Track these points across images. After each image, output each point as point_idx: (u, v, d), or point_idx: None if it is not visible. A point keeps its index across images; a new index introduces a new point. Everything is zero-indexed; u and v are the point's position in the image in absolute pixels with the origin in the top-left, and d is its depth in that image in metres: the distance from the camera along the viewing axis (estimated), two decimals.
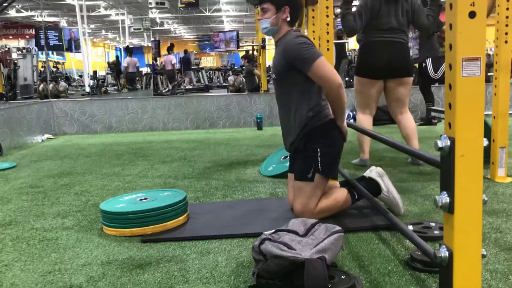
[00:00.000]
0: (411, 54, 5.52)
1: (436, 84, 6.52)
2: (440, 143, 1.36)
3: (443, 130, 1.41)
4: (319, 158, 2.38)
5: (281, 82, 2.49)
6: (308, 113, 2.41)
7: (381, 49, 3.55)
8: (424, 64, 5.88)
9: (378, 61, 3.56)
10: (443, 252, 1.39)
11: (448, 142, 1.34)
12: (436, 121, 6.23)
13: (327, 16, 3.06)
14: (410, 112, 3.80)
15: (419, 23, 3.62)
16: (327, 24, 3.08)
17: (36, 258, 2.14)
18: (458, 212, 1.35)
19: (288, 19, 2.46)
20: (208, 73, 18.92)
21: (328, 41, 3.07)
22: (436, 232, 2.19)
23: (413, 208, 2.66)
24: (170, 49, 13.23)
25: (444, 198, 1.37)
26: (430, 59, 5.83)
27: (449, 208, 1.36)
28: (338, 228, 1.85)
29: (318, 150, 2.39)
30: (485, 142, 1.35)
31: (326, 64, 2.32)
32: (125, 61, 13.88)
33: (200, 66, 18.62)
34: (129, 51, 14.24)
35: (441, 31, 5.72)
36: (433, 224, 2.30)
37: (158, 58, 15.68)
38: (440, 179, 1.42)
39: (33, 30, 17.62)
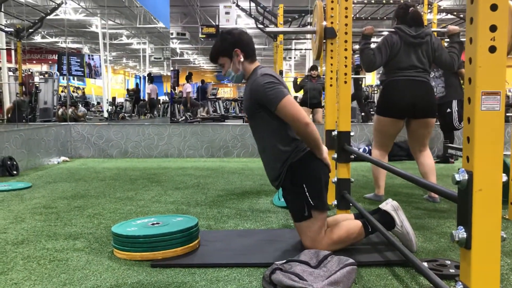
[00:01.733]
0: (435, 93, 5.38)
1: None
2: (457, 177, 1.34)
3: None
4: (307, 194, 2.35)
5: (253, 120, 2.48)
6: (284, 148, 2.38)
7: (405, 87, 3.50)
8: (449, 110, 5.64)
9: (401, 100, 3.51)
10: None
11: (466, 176, 1.32)
12: (453, 159, 6.16)
13: (346, 49, 3.09)
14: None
15: (442, 61, 3.57)
16: (346, 58, 3.10)
17: (45, 278, 2.13)
18: (476, 247, 1.31)
19: (242, 59, 2.45)
20: (224, 103, 19.10)
21: (346, 74, 3.09)
22: (452, 270, 2.14)
23: (428, 245, 2.61)
24: (188, 78, 13.44)
25: (461, 233, 1.34)
26: (456, 103, 5.60)
27: (466, 244, 1.33)
28: (351, 260, 1.82)
29: (305, 185, 2.35)
30: (504, 177, 1.32)
31: (292, 104, 2.29)
32: (148, 88, 14.15)
33: (217, 96, 18.82)
34: (151, 78, 14.51)
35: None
36: (448, 262, 2.24)
37: (176, 87, 15.89)
38: (457, 214, 1.40)
39: (56, 55, 18.09)
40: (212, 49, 2.52)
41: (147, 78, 14.80)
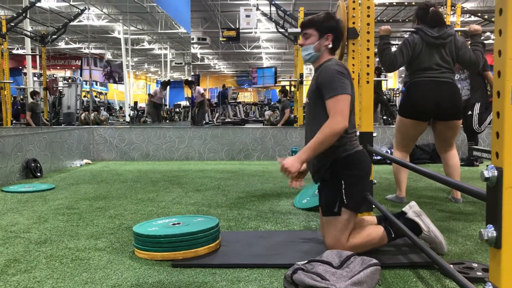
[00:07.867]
0: (461, 95, 5.27)
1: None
2: (486, 173, 1.29)
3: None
4: (343, 190, 2.29)
5: (312, 106, 2.43)
6: (335, 142, 2.29)
7: (429, 89, 3.42)
8: (470, 112, 5.53)
9: (425, 102, 3.43)
10: None
11: (496, 173, 1.28)
12: (478, 162, 6.03)
13: (368, 49, 3.05)
14: None
15: (465, 60, 3.47)
16: (368, 57, 3.06)
17: (67, 276, 2.14)
18: (506, 246, 1.26)
19: (330, 46, 2.42)
20: (244, 108, 19.16)
21: (368, 73, 3.05)
22: (479, 273, 2.08)
23: (454, 248, 2.54)
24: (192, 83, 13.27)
25: (491, 232, 1.29)
26: (479, 106, 5.48)
27: (496, 243, 1.28)
28: (375, 261, 1.78)
29: (343, 182, 2.30)
30: None
31: (345, 103, 2.24)
32: (155, 93, 14.10)
33: (237, 101, 18.89)
34: (164, 84, 14.42)
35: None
36: (475, 265, 2.18)
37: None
38: (486, 212, 1.35)
39: (79, 61, 18.41)
40: (311, 17, 2.47)
41: (162, 84, 14.69)
